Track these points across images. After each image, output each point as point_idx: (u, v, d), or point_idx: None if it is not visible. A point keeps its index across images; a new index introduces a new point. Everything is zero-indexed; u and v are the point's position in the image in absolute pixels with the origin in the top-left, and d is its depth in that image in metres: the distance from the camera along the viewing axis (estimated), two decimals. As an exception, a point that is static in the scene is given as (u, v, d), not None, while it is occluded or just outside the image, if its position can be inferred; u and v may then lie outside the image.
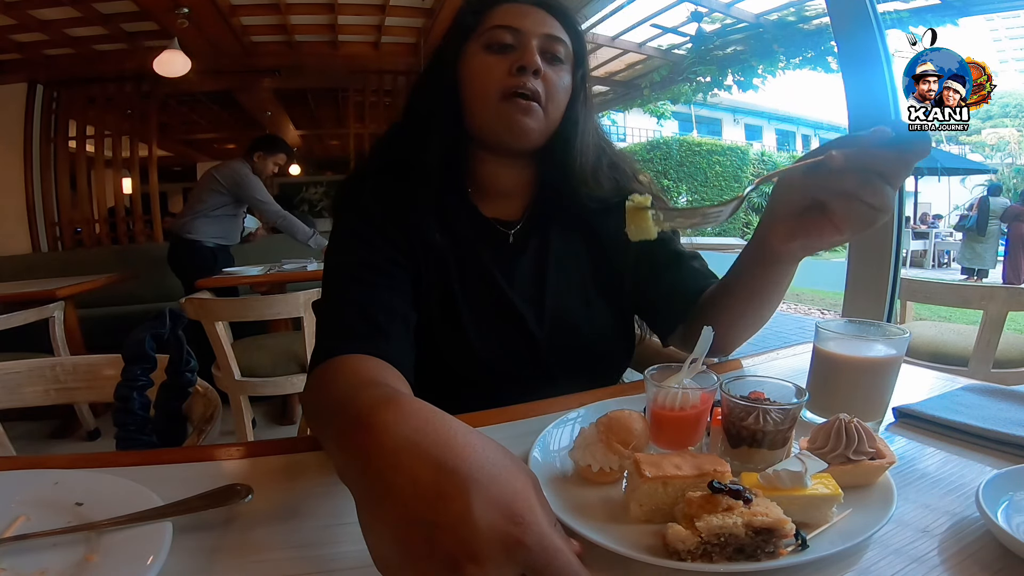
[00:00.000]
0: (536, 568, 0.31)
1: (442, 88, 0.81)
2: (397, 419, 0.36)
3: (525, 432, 0.63)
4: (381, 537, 0.33)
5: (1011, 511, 0.48)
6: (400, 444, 0.34)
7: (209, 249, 3.39)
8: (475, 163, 0.85)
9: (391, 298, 0.73)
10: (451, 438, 0.34)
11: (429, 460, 0.33)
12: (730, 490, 0.44)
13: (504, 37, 0.78)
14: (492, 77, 0.77)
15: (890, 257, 1.88)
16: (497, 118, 0.77)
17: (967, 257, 8.78)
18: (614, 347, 0.88)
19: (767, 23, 7.57)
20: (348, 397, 0.45)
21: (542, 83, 0.77)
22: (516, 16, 0.79)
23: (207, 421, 0.93)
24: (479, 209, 0.85)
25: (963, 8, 6.26)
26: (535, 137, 0.79)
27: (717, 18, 7.56)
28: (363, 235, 0.78)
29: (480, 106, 0.79)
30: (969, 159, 12.80)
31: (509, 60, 0.77)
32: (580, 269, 0.87)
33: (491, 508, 0.31)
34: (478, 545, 0.30)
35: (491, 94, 0.77)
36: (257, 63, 5.03)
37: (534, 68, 0.76)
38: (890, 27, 2.00)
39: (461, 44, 0.81)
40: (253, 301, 2.17)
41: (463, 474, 0.32)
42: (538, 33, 0.78)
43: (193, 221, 3.37)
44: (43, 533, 0.46)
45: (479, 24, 0.80)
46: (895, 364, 0.65)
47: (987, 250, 8.53)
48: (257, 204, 3.41)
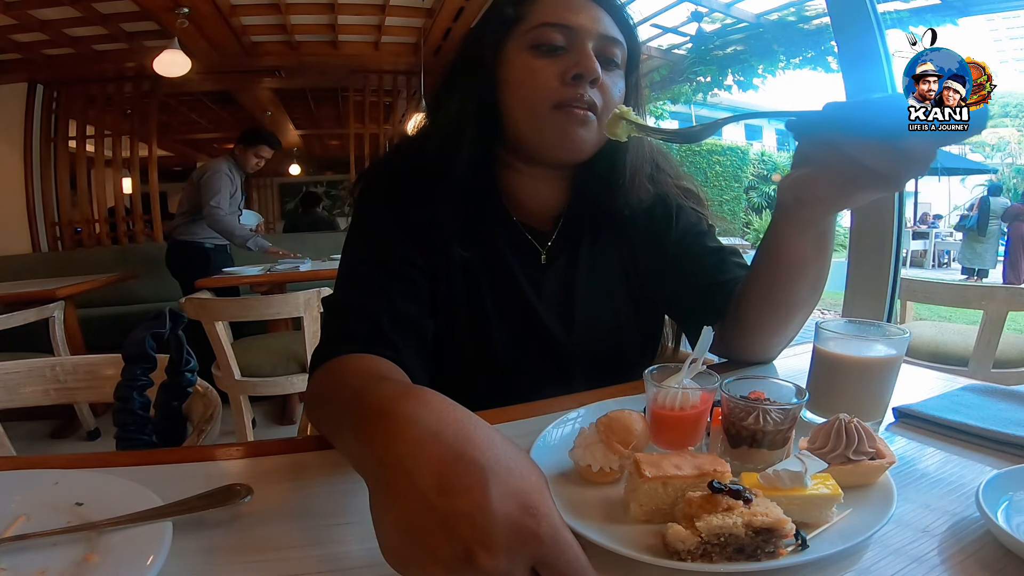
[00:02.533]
0: (547, 561, 0.32)
1: (479, 90, 0.72)
2: (419, 409, 0.36)
3: (525, 432, 0.63)
4: (394, 524, 0.33)
5: (1011, 511, 0.47)
6: (422, 434, 0.34)
7: (205, 250, 3.35)
8: (504, 170, 0.78)
9: (404, 305, 0.70)
10: (472, 431, 0.35)
11: (450, 450, 0.33)
12: (730, 490, 0.44)
13: (554, 37, 0.68)
14: (543, 85, 0.68)
15: (890, 257, 1.88)
16: (549, 129, 0.69)
17: (967, 257, 8.78)
18: (638, 360, 0.86)
19: (767, 23, 7.57)
20: (365, 388, 0.45)
21: (599, 93, 0.69)
22: (567, 11, 0.69)
23: (207, 421, 0.93)
24: (511, 214, 0.79)
25: (963, 8, 6.26)
26: (589, 150, 0.72)
27: (717, 18, 7.56)
28: (381, 233, 0.74)
29: (526, 115, 0.70)
30: (969, 159, 12.78)
31: (562, 64, 0.68)
32: (610, 279, 0.83)
33: (508, 499, 0.32)
34: (493, 534, 0.30)
35: (541, 104, 0.68)
36: (257, 63, 5.03)
37: (593, 77, 0.67)
38: (890, 27, 2.00)
39: (502, 40, 0.72)
40: (253, 301, 2.17)
41: (482, 465, 0.32)
42: (594, 33, 0.69)
43: (185, 223, 3.33)
44: (43, 533, 0.46)
45: (523, 17, 0.70)
46: (895, 364, 0.65)
47: (987, 250, 8.53)
48: (204, 206, 3.18)
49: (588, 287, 0.81)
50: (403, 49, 5.07)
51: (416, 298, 0.72)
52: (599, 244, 0.83)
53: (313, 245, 4.04)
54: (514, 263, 0.79)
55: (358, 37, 4.94)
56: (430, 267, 0.75)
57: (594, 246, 0.83)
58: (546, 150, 0.72)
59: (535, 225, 0.82)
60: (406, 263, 0.73)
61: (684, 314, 0.86)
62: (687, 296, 0.82)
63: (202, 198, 3.17)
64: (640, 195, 0.79)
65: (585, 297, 0.81)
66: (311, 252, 3.46)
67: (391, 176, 0.79)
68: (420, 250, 0.74)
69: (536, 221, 0.82)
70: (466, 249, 0.76)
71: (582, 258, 0.82)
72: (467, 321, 0.77)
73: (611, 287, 0.83)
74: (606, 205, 0.79)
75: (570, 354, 0.80)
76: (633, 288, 0.85)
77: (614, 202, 0.79)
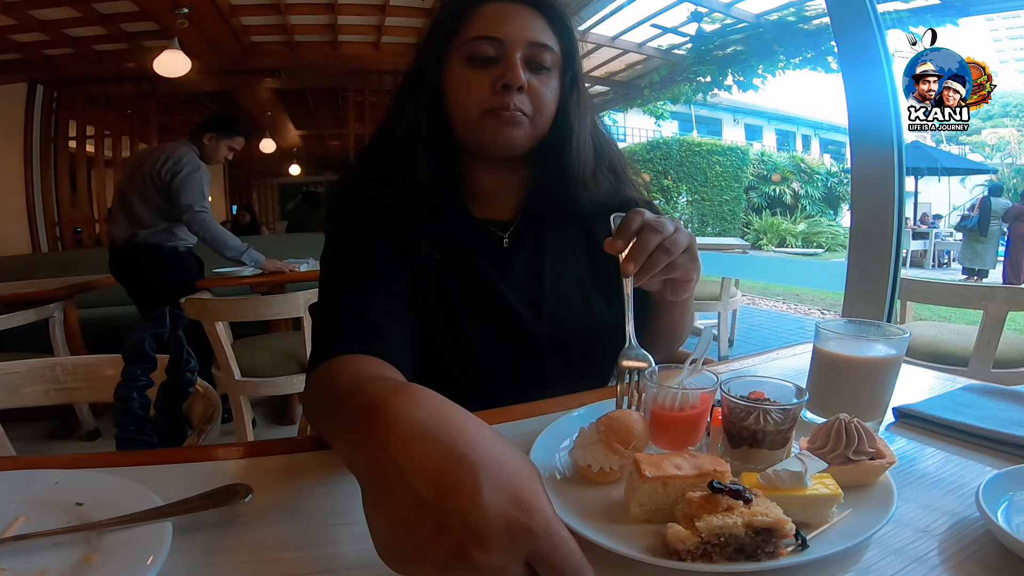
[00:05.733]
0: (541, 556, 0.31)
1: (425, 98, 0.79)
2: (409, 406, 0.36)
3: (525, 432, 0.63)
4: (387, 522, 0.33)
5: (1011, 511, 0.48)
6: (412, 429, 0.34)
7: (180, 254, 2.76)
8: (466, 168, 0.84)
9: (388, 301, 0.73)
10: (463, 426, 0.35)
11: (440, 446, 0.33)
12: (730, 490, 0.44)
13: (485, 49, 0.74)
14: (475, 94, 0.75)
15: (890, 257, 1.88)
16: (483, 131, 0.76)
17: (968, 257, 8.78)
18: (612, 344, 0.88)
19: (767, 23, 7.58)
20: (356, 387, 0.45)
21: (527, 97, 0.76)
22: (498, 22, 0.75)
23: (207, 421, 0.93)
24: (471, 212, 0.85)
25: (963, 8, 6.26)
26: (521, 144, 0.78)
27: (717, 18, 7.57)
28: (358, 238, 0.78)
29: (463, 121, 0.77)
30: (969, 159, 12.80)
31: (492, 75, 0.74)
32: (578, 267, 0.87)
33: (500, 494, 0.31)
34: (485, 530, 0.30)
35: (475, 110, 0.75)
36: (257, 63, 5.04)
37: (518, 85, 0.74)
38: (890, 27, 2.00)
39: (442, 52, 0.78)
40: (253, 301, 2.17)
41: (473, 460, 0.32)
42: (522, 42, 0.75)
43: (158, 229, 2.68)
44: (43, 533, 0.46)
45: (459, 29, 0.77)
46: (895, 364, 0.65)
47: (987, 250, 8.54)
48: (185, 210, 2.60)
49: (555, 274, 0.84)
50: (403, 49, 5.07)
51: (400, 295, 0.75)
52: (566, 235, 0.87)
53: (313, 245, 4.03)
54: (477, 254, 0.82)
55: (358, 37, 4.95)
56: (407, 268, 0.78)
57: (560, 236, 0.87)
58: (485, 148, 0.79)
59: (498, 218, 0.86)
60: (387, 264, 0.76)
61: None
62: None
63: (180, 199, 2.60)
64: (596, 190, 0.85)
65: (553, 284, 0.84)
66: (311, 252, 3.45)
67: (360, 185, 0.84)
68: (396, 254, 0.78)
69: (498, 213, 0.86)
70: (433, 249, 0.80)
71: (548, 247, 0.85)
72: (440, 320, 0.79)
73: (579, 276, 0.86)
74: (566, 194, 0.83)
75: (543, 342, 0.81)
76: (600, 279, 0.88)
77: (570, 193, 0.83)
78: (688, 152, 12.66)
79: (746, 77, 8.32)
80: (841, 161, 13.83)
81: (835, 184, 13.07)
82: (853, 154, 1.97)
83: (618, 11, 6.09)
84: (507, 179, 0.86)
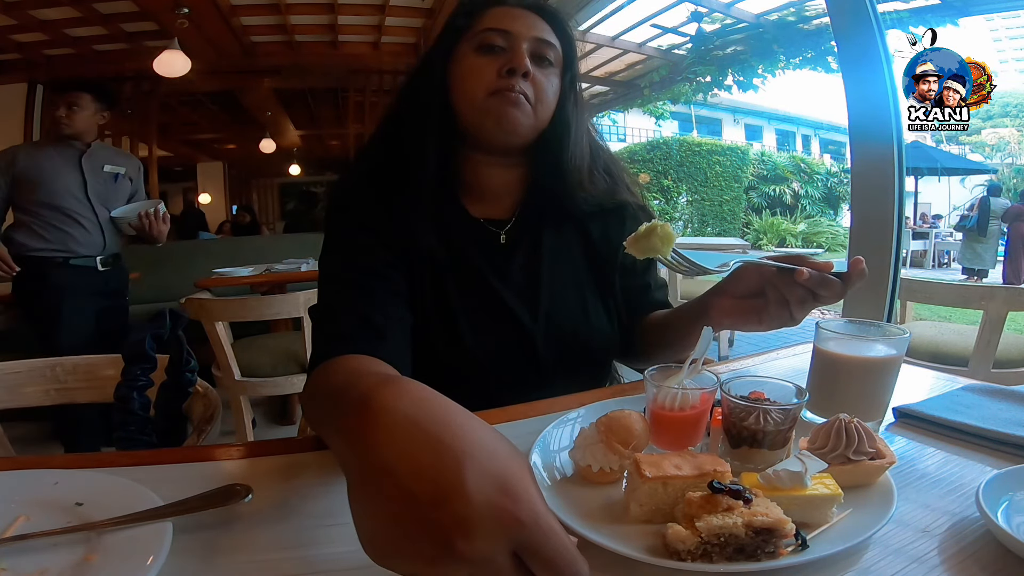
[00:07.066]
0: (530, 546, 0.31)
1: (433, 89, 0.82)
2: (396, 397, 0.35)
3: (525, 432, 0.63)
4: (372, 516, 0.32)
5: (1011, 511, 0.48)
6: (398, 420, 0.34)
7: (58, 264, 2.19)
8: (465, 164, 0.85)
9: (387, 301, 0.74)
10: (450, 417, 0.34)
11: (426, 436, 0.33)
12: (730, 490, 0.44)
13: (495, 39, 0.79)
14: (481, 77, 0.78)
15: (890, 257, 1.88)
16: (485, 113, 0.78)
17: (967, 257, 8.77)
18: (608, 343, 0.89)
19: (767, 23, 7.58)
20: (348, 384, 0.45)
21: (531, 85, 0.79)
22: (507, 19, 0.80)
23: (207, 421, 0.93)
24: (468, 210, 0.86)
25: (963, 8, 6.26)
26: (524, 131, 0.80)
27: (717, 18, 7.57)
28: (357, 238, 0.79)
29: (468, 104, 0.80)
30: (969, 159, 12.79)
31: (499, 62, 0.78)
32: (574, 267, 0.88)
33: (487, 483, 0.31)
34: (472, 520, 0.30)
35: (480, 92, 0.78)
36: (257, 63, 5.04)
37: (523, 70, 0.77)
38: (890, 27, 2.00)
39: (452, 45, 0.82)
40: (253, 301, 2.17)
41: (459, 450, 0.32)
42: (528, 36, 0.80)
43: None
44: (43, 533, 0.46)
45: (471, 26, 0.81)
46: (895, 364, 0.65)
47: (987, 250, 8.53)
48: None
49: (552, 273, 0.85)
50: (403, 49, 5.07)
51: (398, 295, 0.76)
52: (562, 235, 0.88)
53: (313, 245, 4.02)
54: (474, 252, 0.84)
55: (358, 37, 4.95)
56: (407, 270, 0.79)
57: (558, 236, 0.88)
58: (488, 133, 0.81)
59: (495, 216, 0.87)
60: (386, 265, 0.77)
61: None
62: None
63: None
64: (593, 190, 0.87)
65: (550, 283, 0.85)
66: (311, 252, 3.44)
67: (360, 183, 0.85)
68: (395, 254, 0.78)
69: (495, 212, 0.87)
70: (433, 249, 0.81)
71: (545, 246, 0.86)
72: (438, 320, 0.80)
73: (576, 275, 0.88)
74: (563, 193, 0.85)
75: (538, 340, 0.82)
76: (597, 279, 0.89)
77: (567, 191, 0.85)
78: (688, 152, 12.65)
79: (746, 77, 8.32)
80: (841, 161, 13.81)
81: (835, 184, 13.05)
82: (853, 154, 1.97)
83: (618, 11, 6.10)
84: (505, 176, 0.87)
